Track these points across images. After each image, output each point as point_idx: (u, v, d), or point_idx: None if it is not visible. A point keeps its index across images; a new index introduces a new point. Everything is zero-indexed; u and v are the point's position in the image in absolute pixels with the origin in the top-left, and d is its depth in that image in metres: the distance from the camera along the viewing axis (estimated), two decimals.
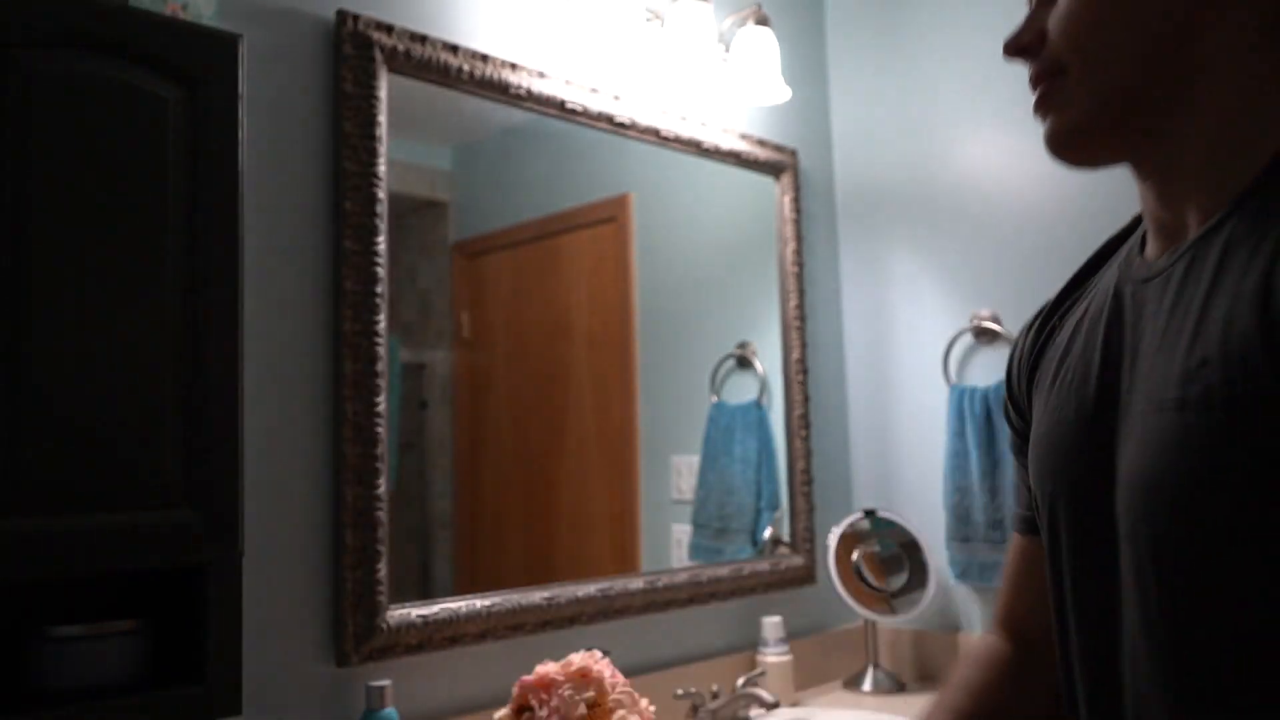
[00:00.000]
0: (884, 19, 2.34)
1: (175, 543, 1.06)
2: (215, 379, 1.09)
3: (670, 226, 2.03)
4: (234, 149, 1.13)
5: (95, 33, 1.05)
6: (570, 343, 1.84)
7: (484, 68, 1.67)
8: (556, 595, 1.68)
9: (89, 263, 1.03)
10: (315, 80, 1.49)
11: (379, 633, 1.45)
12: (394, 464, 1.54)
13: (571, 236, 1.90)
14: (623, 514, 1.90)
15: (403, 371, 1.58)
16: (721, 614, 1.99)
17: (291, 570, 1.40)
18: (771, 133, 2.24)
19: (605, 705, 1.33)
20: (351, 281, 1.47)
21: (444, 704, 1.54)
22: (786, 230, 2.23)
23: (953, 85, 2.19)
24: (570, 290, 1.85)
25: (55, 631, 1.06)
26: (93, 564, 1.01)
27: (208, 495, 1.08)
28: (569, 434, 1.83)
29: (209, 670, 1.09)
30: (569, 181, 1.87)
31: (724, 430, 2.07)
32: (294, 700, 1.39)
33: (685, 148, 2.03)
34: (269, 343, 1.40)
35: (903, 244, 2.28)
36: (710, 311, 2.10)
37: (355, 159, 1.49)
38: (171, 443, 1.06)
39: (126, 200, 1.05)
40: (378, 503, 1.46)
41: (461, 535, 1.66)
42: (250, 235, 1.30)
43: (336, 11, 1.51)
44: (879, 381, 2.30)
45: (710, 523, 2.03)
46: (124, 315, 1.04)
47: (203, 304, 1.09)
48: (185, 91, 1.10)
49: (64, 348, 1.00)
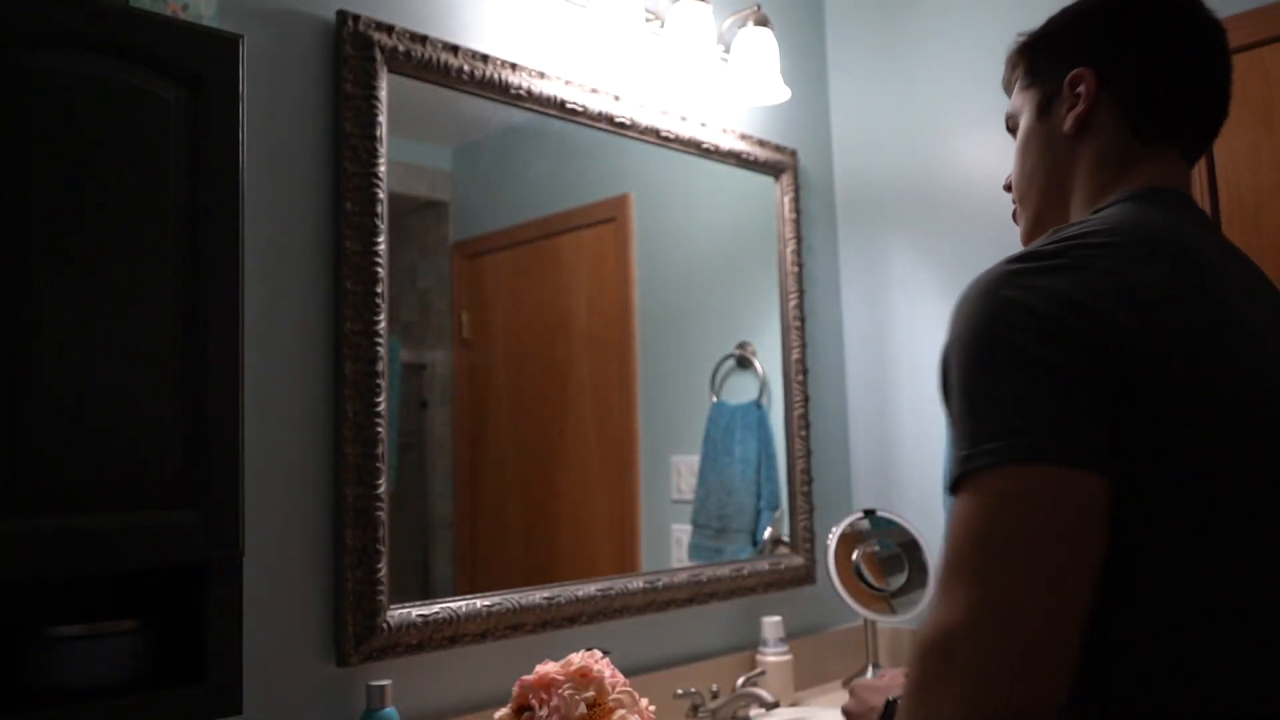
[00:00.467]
0: (884, 19, 2.34)
1: (175, 543, 1.06)
2: (215, 379, 1.09)
3: (670, 226, 2.03)
4: (234, 149, 1.13)
5: (96, 33, 1.05)
6: (570, 343, 1.84)
7: (484, 68, 1.67)
8: (556, 595, 1.68)
9: (90, 263, 1.03)
10: (316, 80, 1.49)
11: (379, 632, 1.45)
12: (394, 464, 1.54)
13: (571, 236, 1.90)
14: (623, 514, 1.90)
15: (403, 371, 1.59)
16: (721, 614, 1.99)
17: (291, 570, 1.40)
18: (771, 133, 2.24)
19: (605, 705, 1.33)
20: (352, 281, 1.47)
21: (444, 704, 1.54)
22: (786, 230, 2.23)
23: (952, 85, 2.20)
24: (570, 290, 1.85)
25: (55, 631, 1.06)
26: (93, 564, 1.01)
27: (208, 495, 1.08)
28: (569, 434, 1.83)
29: (209, 670, 1.09)
30: (569, 181, 1.87)
31: (724, 430, 2.07)
32: (294, 700, 1.39)
33: (685, 148, 2.03)
34: (269, 343, 1.40)
35: (903, 244, 2.28)
36: (710, 311, 2.10)
37: (355, 159, 1.49)
38: (172, 443, 1.06)
39: (127, 200, 1.06)
40: (378, 503, 1.46)
41: (462, 535, 1.66)
42: (251, 235, 1.30)
43: (337, 12, 1.51)
44: (879, 381, 2.30)
45: (710, 523, 2.03)
46: (124, 315, 1.04)
47: (203, 304, 1.09)
48: (186, 92, 1.10)
49: (65, 348, 1.00)
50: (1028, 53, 0.98)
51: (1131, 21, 0.90)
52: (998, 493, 0.67)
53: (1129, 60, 0.89)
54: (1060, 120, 0.92)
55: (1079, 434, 0.67)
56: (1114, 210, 0.84)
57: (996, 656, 0.64)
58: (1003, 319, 0.70)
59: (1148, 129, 0.89)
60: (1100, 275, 0.72)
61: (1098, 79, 0.90)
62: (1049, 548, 0.65)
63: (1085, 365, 0.68)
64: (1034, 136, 0.95)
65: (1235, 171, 1.79)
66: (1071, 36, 0.93)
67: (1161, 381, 0.70)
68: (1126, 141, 0.89)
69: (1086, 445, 0.67)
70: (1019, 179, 0.98)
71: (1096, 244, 0.75)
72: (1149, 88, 0.89)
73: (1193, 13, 0.90)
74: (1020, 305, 0.70)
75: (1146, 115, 0.89)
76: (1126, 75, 0.89)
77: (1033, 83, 0.96)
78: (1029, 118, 0.96)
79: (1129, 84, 0.89)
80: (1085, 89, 0.90)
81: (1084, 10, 0.94)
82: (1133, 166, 0.88)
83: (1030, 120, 0.96)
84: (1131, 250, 0.75)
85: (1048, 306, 0.69)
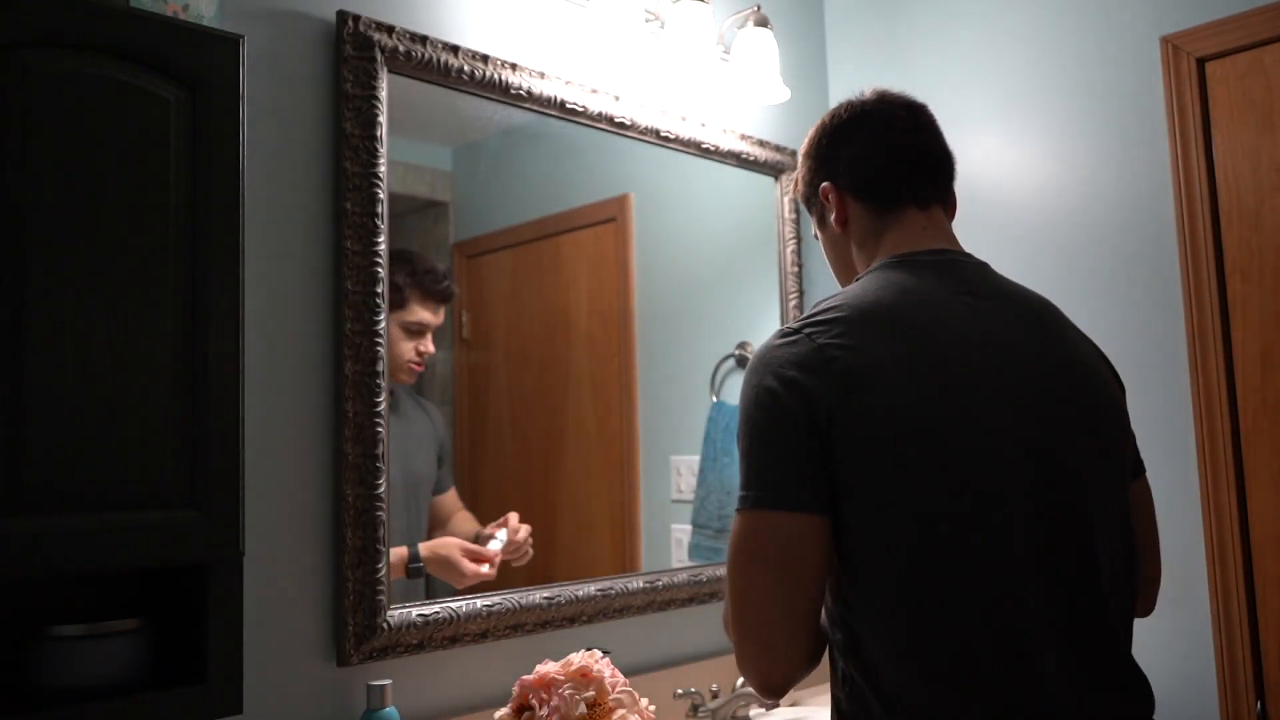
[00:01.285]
0: (884, 19, 2.34)
1: (176, 543, 1.06)
2: (215, 379, 1.10)
3: (670, 226, 2.04)
4: (235, 150, 1.13)
5: (97, 34, 1.05)
6: (570, 343, 1.84)
7: (484, 68, 1.67)
8: (556, 595, 1.69)
9: (91, 263, 1.03)
10: (316, 81, 1.49)
11: (379, 632, 1.45)
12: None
13: (571, 236, 1.90)
14: (623, 514, 1.90)
15: None
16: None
17: (292, 570, 1.40)
18: (771, 133, 2.24)
19: (605, 705, 1.33)
20: (352, 282, 1.47)
21: (444, 703, 1.54)
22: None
23: (952, 85, 2.20)
24: (570, 290, 1.85)
25: (56, 631, 1.07)
26: (93, 564, 1.02)
27: (208, 495, 1.08)
28: (569, 434, 1.83)
29: (210, 669, 1.09)
30: (569, 181, 1.87)
31: (724, 430, 2.07)
32: (294, 700, 1.39)
33: (685, 148, 2.03)
34: (270, 343, 1.41)
35: None
36: (710, 311, 2.10)
37: (356, 159, 1.49)
38: (172, 443, 1.06)
39: (128, 201, 1.06)
40: (378, 503, 1.46)
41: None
42: (251, 236, 1.30)
43: (337, 12, 1.51)
44: None
45: (710, 523, 2.03)
46: (125, 315, 1.04)
47: (203, 304, 1.09)
48: (187, 92, 1.10)
49: (65, 348, 1.01)
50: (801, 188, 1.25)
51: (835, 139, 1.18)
52: (745, 526, 0.97)
53: (843, 164, 1.16)
54: (833, 226, 1.18)
55: (793, 488, 0.95)
56: (856, 284, 1.08)
57: (747, 634, 0.97)
58: (755, 402, 1.00)
59: (879, 203, 1.13)
60: (814, 350, 0.97)
61: (834, 185, 1.16)
62: (772, 562, 0.95)
63: (800, 434, 0.95)
64: (825, 241, 1.22)
65: (1235, 171, 1.79)
66: (811, 168, 1.21)
67: (854, 434, 0.94)
68: (872, 219, 1.14)
69: (797, 495, 0.95)
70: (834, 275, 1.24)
71: (824, 320, 1.00)
72: (865, 175, 1.14)
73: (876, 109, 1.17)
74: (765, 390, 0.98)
75: (871, 192, 1.14)
76: (846, 173, 1.16)
77: (810, 206, 1.23)
78: (820, 232, 1.23)
79: (850, 181, 1.15)
80: (833, 197, 1.16)
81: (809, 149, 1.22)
82: (881, 237, 1.13)
83: (820, 233, 1.23)
84: (848, 321, 0.99)
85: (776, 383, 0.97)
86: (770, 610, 0.95)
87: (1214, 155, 1.82)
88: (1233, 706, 1.73)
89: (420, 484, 1.62)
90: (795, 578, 0.95)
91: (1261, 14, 1.77)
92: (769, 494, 0.96)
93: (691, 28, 1.89)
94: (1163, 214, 1.87)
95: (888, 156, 1.14)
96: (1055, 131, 2.03)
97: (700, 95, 2.07)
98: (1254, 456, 1.75)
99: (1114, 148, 1.94)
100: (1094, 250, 1.95)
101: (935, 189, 1.14)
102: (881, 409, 0.94)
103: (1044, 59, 2.06)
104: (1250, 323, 1.77)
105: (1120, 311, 1.90)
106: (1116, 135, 1.94)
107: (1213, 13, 1.82)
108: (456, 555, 1.59)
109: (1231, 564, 1.75)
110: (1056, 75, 2.04)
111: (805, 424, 0.95)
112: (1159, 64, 1.89)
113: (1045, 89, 2.05)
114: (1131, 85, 1.93)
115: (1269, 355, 1.75)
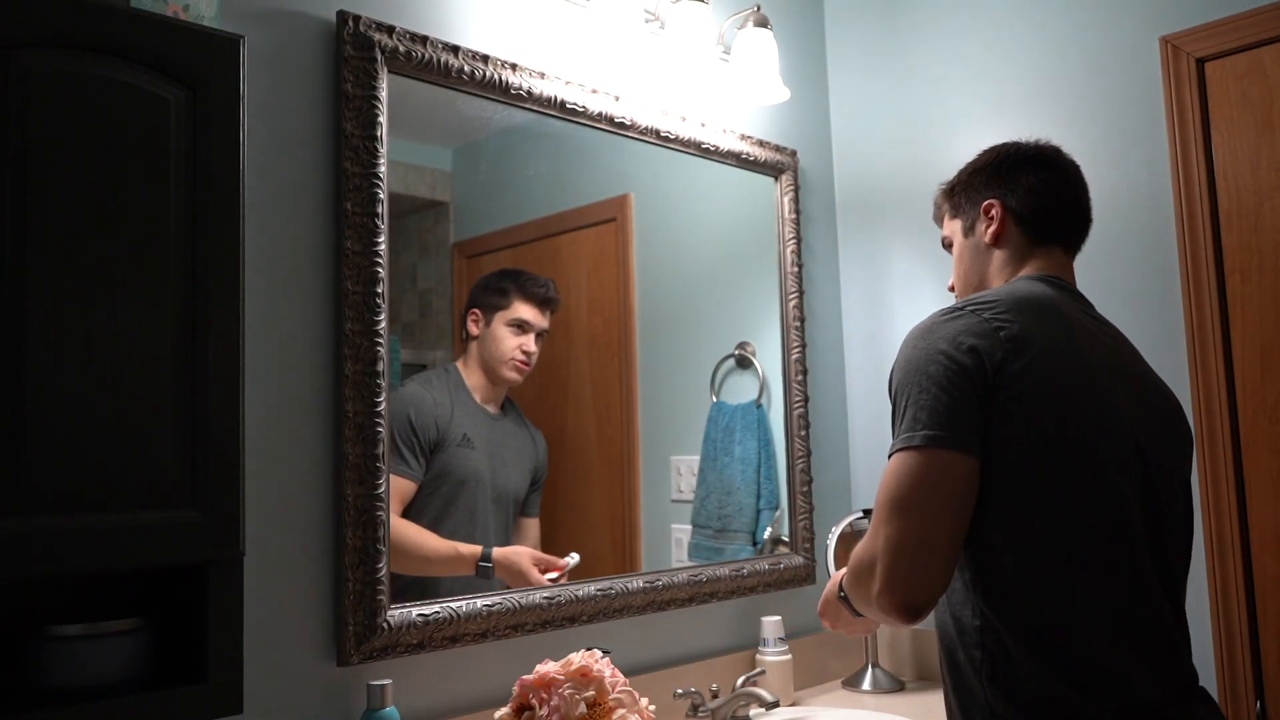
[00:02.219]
0: (883, 19, 2.34)
1: (176, 542, 1.06)
2: (216, 379, 1.10)
3: (670, 226, 2.04)
4: (235, 150, 1.13)
5: (97, 34, 1.05)
6: (570, 343, 1.85)
7: (484, 68, 1.67)
8: (556, 595, 1.69)
9: (90, 263, 1.03)
10: (316, 81, 1.49)
11: (379, 632, 1.45)
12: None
13: (571, 236, 1.90)
14: (623, 514, 1.90)
15: (403, 371, 1.59)
16: (721, 614, 1.99)
17: (292, 570, 1.41)
18: (771, 133, 2.24)
19: (605, 705, 1.33)
20: (352, 282, 1.48)
21: (444, 703, 1.54)
22: (786, 230, 2.23)
23: (951, 86, 2.20)
24: (570, 290, 1.85)
25: (56, 630, 1.07)
26: (94, 563, 1.02)
27: (208, 495, 1.08)
28: (569, 433, 1.83)
29: (210, 669, 1.09)
30: (569, 181, 1.88)
31: (724, 430, 2.08)
32: (294, 699, 1.39)
33: (685, 148, 2.03)
34: (270, 343, 1.41)
35: (902, 244, 2.28)
36: (710, 311, 2.10)
37: (356, 159, 1.49)
38: (172, 443, 1.06)
39: (128, 201, 1.06)
40: (378, 503, 1.46)
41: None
42: (251, 236, 1.30)
43: (337, 12, 1.51)
44: (878, 381, 2.30)
45: (710, 523, 2.04)
46: (125, 315, 1.04)
47: (203, 304, 1.09)
48: (187, 92, 1.10)
49: (65, 348, 1.01)
50: (950, 195, 1.39)
51: (1018, 167, 1.32)
52: (915, 463, 1.09)
53: (1020, 191, 1.31)
54: (981, 236, 1.33)
55: (965, 433, 1.08)
56: (1004, 285, 1.27)
57: (903, 558, 1.07)
58: (925, 355, 1.13)
59: (1037, 235, 1.30)
60: (981, 321, 1.14)
61: (1002, 204, 1.31)
62: (943, 494, 1.08)
63: (968, 385, 1.09)
64: (961, 246, 1.37)
65: (1235, 171, 1.79)
66: (981, 180, 1.35)
67: (1010, 391, 1.10)
68: (1023, 246, 1.31)
69: (967, 440, 1.08)
70: (959, 279, 1.38)
71: (984, 302, 1.17)
72: (1035, 207, 1.30)
73: (1057, 158, 1.33)
74: (938, 351, 1.12)
75: (1034, 226, 1.30)
76: (1019, 201, 1.31)
77: (958, 214, 1.37)
78: (960, 237, 1.37)
79: (1021, 206, 1.31)
80: (996, 212, 1.32)
81: (986, 164, 1.35)
82: (1028, 260, 1.30)
83: (960, 239, 1.37)
84: (1007, 305, 1.16)
85: (949, 346, 1.11)
86: (934, 537, 1.06)
87: (1213, 155, 1.82)
88: (1232, 707, 1.73)
89: (506, 494, 1.71)
90: (955, 510, 1.08)
91: (1261, 14, 1.77)
92: (947, 435, 1.08)
93: (691, 28, 1.89)
94: (1162, 214, 1.87)
95: (1059, 200, 1.31)
96: (1055, 132, 2.00)
97: (700, 95, 2.07)
98: (1254, 457, 1.75)
99: (1113, 148, 1.94)
100: (1093, 250, 1.93)
101: (1078, 241, 1.34)
102: (1039, 367, 1.10)
103: (1044, 59, 2.06)
104: (1250, 323, 1.77)
105: (1120, 311, 1.88)
106: (1116, 135, 1.94)
107: (1212, 13, 1.82)
108: (527, 564, 1.69)
109: (1231, 564, 1.75)
110: (1056, 75, 2.04)
111: (978, 378, 1.09)
112: (1158, 64, 1.89)
113: (1045, 89, 2.05)
114: (1131, 86, 1.93)
115: (1269, 355, 1.75)
